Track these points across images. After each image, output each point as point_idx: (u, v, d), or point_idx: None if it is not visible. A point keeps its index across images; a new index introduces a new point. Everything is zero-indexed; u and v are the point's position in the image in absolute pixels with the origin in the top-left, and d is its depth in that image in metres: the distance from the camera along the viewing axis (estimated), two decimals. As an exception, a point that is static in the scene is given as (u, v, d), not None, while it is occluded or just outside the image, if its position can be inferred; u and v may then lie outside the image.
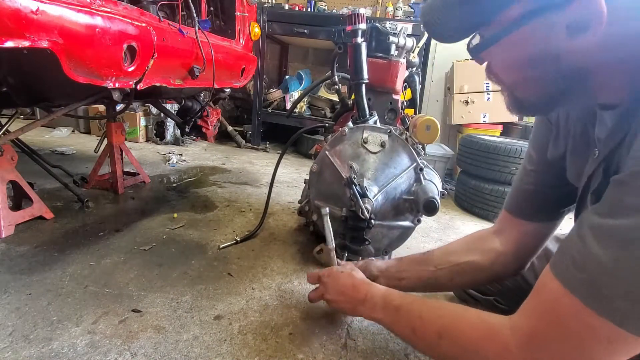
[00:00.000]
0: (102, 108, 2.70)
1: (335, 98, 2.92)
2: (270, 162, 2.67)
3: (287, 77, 3.38)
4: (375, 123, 1.14)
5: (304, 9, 3.30)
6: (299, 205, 1.30)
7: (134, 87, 1.10)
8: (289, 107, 3.04)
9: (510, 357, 0.53)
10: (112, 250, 1.18)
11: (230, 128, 3.03)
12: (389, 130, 1.07)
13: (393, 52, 1.27)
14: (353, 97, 1.27)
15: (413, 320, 0.68)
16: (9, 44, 0.72)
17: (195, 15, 1.30)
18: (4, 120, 1.35)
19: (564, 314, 0.49)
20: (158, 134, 2.95)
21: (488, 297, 0.99)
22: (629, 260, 0.44)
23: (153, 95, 1.63)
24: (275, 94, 3.22)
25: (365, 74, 1.17)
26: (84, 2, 0.86)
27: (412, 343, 0.71)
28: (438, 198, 0.99)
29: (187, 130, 1.84)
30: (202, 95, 1.85)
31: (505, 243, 0.86)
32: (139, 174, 1.87)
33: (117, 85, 1.03)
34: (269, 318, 0.92)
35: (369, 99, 1.24)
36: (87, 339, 0.79)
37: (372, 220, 0.99)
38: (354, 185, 0.96)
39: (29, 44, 0.75)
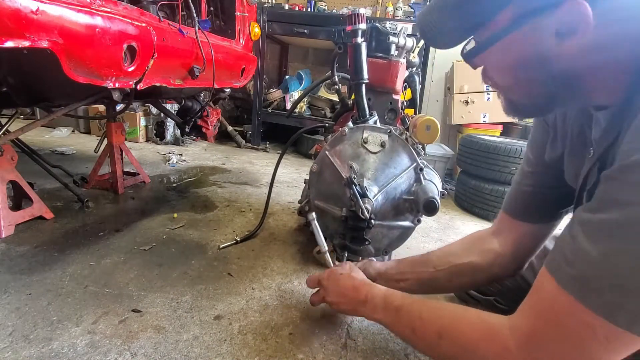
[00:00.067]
0: (102, 108, 2.70)
1: (335, 98, 2.92)
2: (270, 162, 2.67)
3: (287, 77, 3.38)
4: (375, 123, 1.14)
5: (304, 9, 3.30)
6: (299, 205, 1.30)
7: (134, 87, 1.10)
8: (289, 107, 3.04)
9: (510, 357, 0.53)
10: (112, 250, 1.18)
11: (230, 128, 3.03)
12: (389, 130, 1.07)
13: (393, 52, 1.27)
14: (353, 97, 1.27)
15: (413, 321, 0.68)
16: (9, 44, 0.72)
17: (195, 15, 1.30)
18: (4, 120, 1.35)
19: (561, 313, 0.49)
20: (158, 134, 2.95)
21: (488, 297, 0.99)
22: (617, 253, 0.45)
23: (153, 95, 1.63)
24: (275, 94, 3.22)
25: (365, 74, 1.16)
26: (84, 2, 0.86)
27: (412, 343, 0.72)
28: (438, 198, 0.99)
29: (187, 130, 1.84)
30: (202, 95, 1.85)
31: (504, 244, 0.86)
32: (139, 174, 1.87)
33: (117, 85, 1.03)
34: (269, 318, 0.93)
35: (369, 99, 1.24)
36: (87, 339, 0.79)
37: (372, 220, 0.99)
38: (354, 185, 0.96)
39: (29, 44, 0.75)
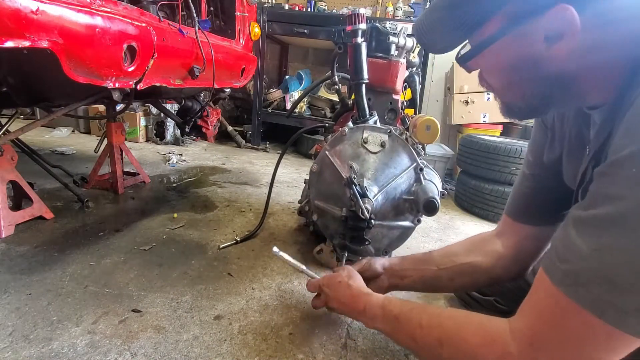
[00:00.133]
0: (102, 108, 2.70)
1: (335, 98, 2.92)
2: (270, 162, 2.67)
3: (287, 77, 3.38)
4: (375, 123, 1.14)
5: (304, 9, 3.29)
6: (299, 205, 1.30)
7: (134, 87, 1.09)
8: (289, 107, 3.04)
9: None
10: (112, 250, 1.18)
11: (230, 128, 3.03)
12: (389, 130, 1.07)
13: (393, 52, 1.27)
14: (353, 97, 1.27)
15: (413, 329, 0.67)
16: (9, 44, 0.72)
17: (195, 15, 1.30)
18: (4, 120, 1.35)
19: (558, 314, 0.49)
20: (158, 134, 2.95)
21: (488, 297, 0.99)
22: (608, 248, 0.44)
23: (153, 95, 1.63)
24: (275, 94, 3.22)
25: (365, 74, 1.16)
26: (84, 2, 0.86)
27: (414, 351, 0.72)
28: (438, 198, 0.99)
29: (187, 130, 1.84)
30: (202, 95, 1.85)
31: (507, 246, 0.86)
32: (139, 174, 1.87)
33: (117, 85, 1.03)
34: (269, 318, 0.93)
35: (369, 99, 1.24)
36: (87, 339, 0.79)
37: (372, 220, 0.99)
38: (354, 185, 0.96)
39: (29, 44, 0.75)
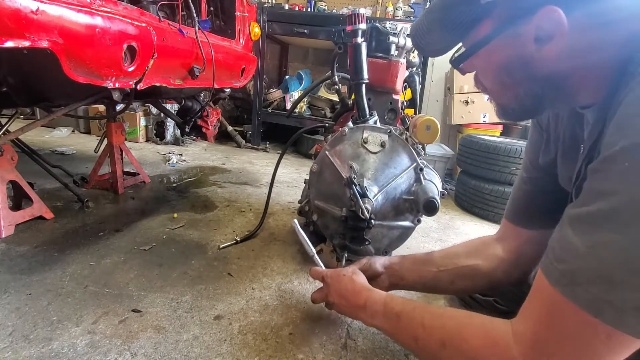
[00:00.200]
0: (102, 108, 2.70)
1: (335, 98, 2.92)
2: (270, 162, 2.67)
3: (287, 77, 3.38)
4: (375, 123, 1.14)
5: (304, 9, 3.30)
6: (299, 205, 1.30)
7: (134, 87, 1.10)
8: (289, 107, 3.04)
9: None
10: (112, 250, 1.18)
11: (230, 128, 3.03)
12: (389, 130, 1.07)
13: (393, 52, 1.27)
14: (353, 97, 1.27)
15: (415, 329, 0.67)
16: (9, 44, 0.72)
17: (195, 15, 1.30)
18: (4, 120, 1.35)
19: (558, 315, 0.49)
20: (158, 134, 2.95)
21: (488, 297, 0.99)
22: (603, 245, 0.44)
23: (153, 95, 1.63)
24: (275, 94, 3.22)
25: (365, 74, 1.16)
26: (84, 2, 0.86)
27: (414, 351, 0.71)
28: (438, 198, 0.99)
29: (187, 130, 1.84)
30: (202, 95, 1.85)
31: (507, 250, 0.86)
32: (139, 174, 1.87)
33: (117, 85, 1.03)
34: (269, 318, 0.93)
35: (369, 99, 1.24)
36: (87, 339, 0.79)
37: (372, 220, 0.99)
38: (354, 185, 0.96)
39: (29, 44, 0.75)
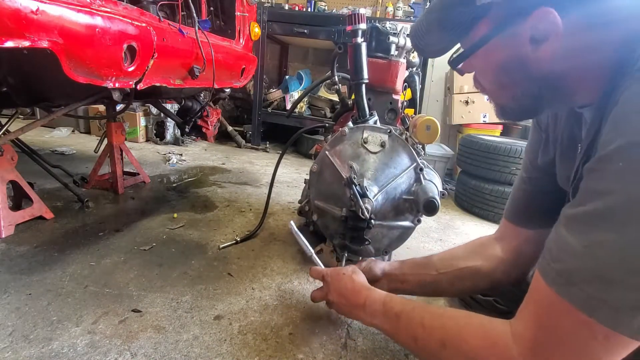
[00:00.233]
0: (102, 108, 2.70)
1: (335, 98, 2.92)
2: (270, 162, 2.67)
3: (287, 77, 3.38)
4: (375, 123, 1.14)
5: (304, 9, 3.30)
6: (299, 205, 1.30)
7: (134, 87, 1.10)
8: (289, 107, 3.04)
9: None
10: (112, 250, 1.18)
11: (230, 128, 3.03)
12: (389, 130, 1.07)
13: (393, 52, 1.27)
14: (353, 97, 1.27)
15: (415, 329, 0.67)
16: (9, 44, 0.72)
17: (195, 15, 1.30)
18: (4, 120, 1.35)
19: (555, 315, 0.49)
20: (158, 134, 2.95)
21: (488, 297, 0.99)
22: (598, 244, 0.44)
23: (153, 95, 1.63)
24: (275, 94, 3.22)
25: (365, 74, 1.16)
26: (84, 2, 0.86)
27: (413, 351, 0.71)
28: (438, 198, 0.99)
29: (187, 130, 1.84)
30: (202, 95, 1.85)
31: (507, 250, 0.85)
32: (139, 174, 1.87)
33: (117, 85, 1.03)
34: (269, 318, 0.93)
35: (369, 99, 1.24)
36: (87, 339, 0.79)
37: (372, 220, 0.99)
38: (354, 185, 0.96)
39: (29, 44, 0.75)
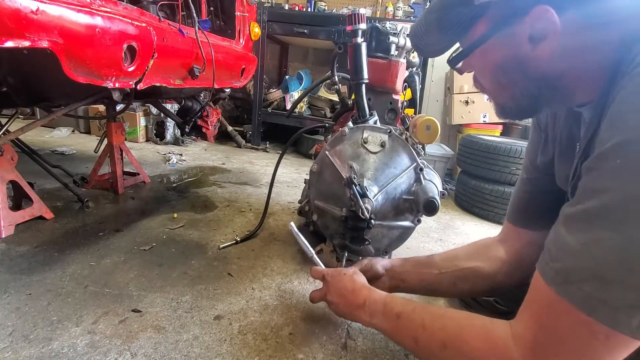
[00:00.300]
0: (102, 108, 2.70)
1: (335, 98, 2.92)
2: (270, 162, 2.67)
3: (287, 77, 3.38)
4: (375, 123, 1.14)
5: (304, 9, 3.30)
6: (299, 205, 1.30)
7: (134, 87, 1.09)
8: (289, 107, 3.04)
9: None
10: (112, 250, 1.18)
11: (230, 128, 3.03)
12: (389, 130, 1.07)
13: (393, 52, 1.27)
14: (353, 97, 1.27)
15: (415, 329, 0.67)
16: (9, 44, 0.72)
17: (195, 15, 1.30)
18: (4, 120, 1.35)
19: (555, 315, 0.48)
20: (158, 134, 2.95)
21: (488, 298, 0.99)
22: (596, 243, 0.44)
23: (153, 95, 1.63)
24: (275, 94, 3.22)
25: (365, 74, 1.16)
26: (84, 2, 0.86)
27: (414, 352, 0.71)
28: (438, 198, 0.99)
29: (187, 130, 1.84)
30: (202, 95, 1.85)
31: (509, 252, 0.85)
32: (139, 174, 1.87)
33: (117, 85, 1.03)
34: (269, 318, 0.93)
35: (369, 99, 1.24)
36: (87, 339, 0.79)
37: (372, 220, 0.99)
38: (354, 185, 0.96)
39: (29, 44, 0.75)
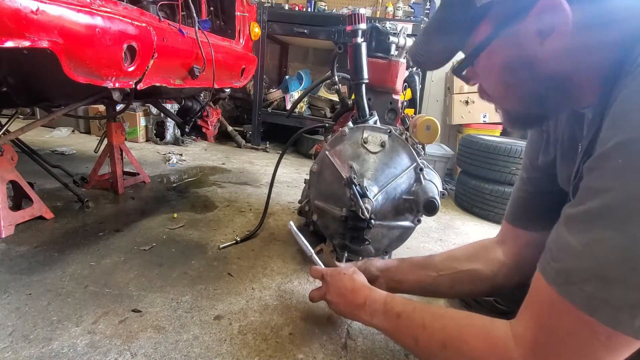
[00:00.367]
0: (102, 108, 2.70)
1: (335, 98, 2.92)
2: (270, 162, 2.67)
3: (287, 77, 3.38)
4: (375, 123, 1.14)
5: (304, 9, 3.29)
6: (299, 205, 1.30)
7: (134, 87, 1.09)
8: (289, 107, 3.04)
9: None
10: (112, 250, 1.18)
11: (230, 128, 3.03)
12: (389, 130, 1.07)
13: (393, 52, 1.27)
14: (353, 97, 1.27)
15: (416, 329, 0.66)
16: (9, 44, 0.72)
17: (195, 15, 1.30)
18: (4, 120, 1.35)
19: (556, 315, 0.48)
20: (158, 134, 2.95)
21: (488, 297, 0.99)
22: (598, 243, 0.44)
23: (153, 95, 1.63)
24: (275, 94, 3.22)
25: (365, 74, 1.16)
26: (84, 2, 0.86)
27: (414, 351, 0.71)
28: (438, 198, 0.99)
29: (187, 130, 1.84)
30: (202, 95, 1.85)
31: (508, 253, 0.85)
32: (139, 174, 1.87)
33: (117, 85, 1.03)
34: (269, 318, 0.93)
35: (369, 99, 1.24)
36: (87, 339, 0.79)
37: (372, 220, 0.99)
38: (354, 185, 0.96)
39: (29, 44, 0.75)
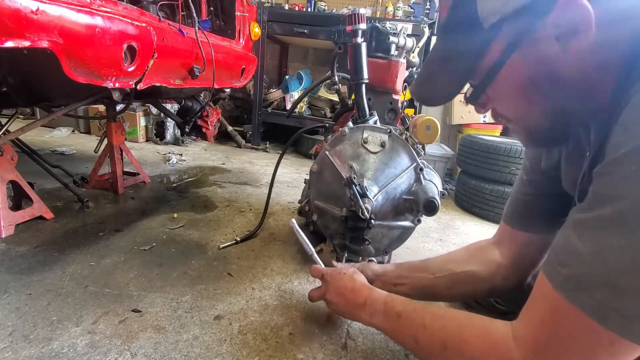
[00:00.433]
0: (102, 108, 2.70)
1: (335, 98, 2.92)
2: (270, 162, 2.67)
3: (287, 77, 3.38)
4: (375, 123, 1.14)
5: (304, 9, 3.29)
6: (299, 205, 1.30)
7: (134, 87, 1.10)
8: (289, 107, 3.04)
9: None
10: (112, 250, 1.18)
11: (230, 128, 3.03)
12: (389, 130, 1.07)
13: (393, 52, 1.27)
14: (353, 97, 1.27)
15: (416, 329, 0.66)
16: (9, 44, 0.72)
17: (195, 15, 1.30)
18: (4, 120, 1.35)
19: (560, 319, 0.48)
20: (158, 134, 2.95)
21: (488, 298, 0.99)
22: (608, 250, 0.43)
23: (153, 95, 1.63)
24: (275, 94, 3.22)
25: (365, 74, 1.16)
26: (84, 2, 0.86)
27: (414, 351, 0.71)
28: (438, 198, 0.99)
29: (187, 130, 1.84)
30: (202, 95, 1.85)
31: (505, 255, 0.85)
32: (139, 174, 1.87)
33: (117, 85, 1.03)
34: (269, 318, 0.93)
35: (369, 99, 1.24)
36: (87, 339, 0.79)
37: (372, 220, 0.99)
38: (354, 185, 0.96)
39: (29, 44, 0.75)
